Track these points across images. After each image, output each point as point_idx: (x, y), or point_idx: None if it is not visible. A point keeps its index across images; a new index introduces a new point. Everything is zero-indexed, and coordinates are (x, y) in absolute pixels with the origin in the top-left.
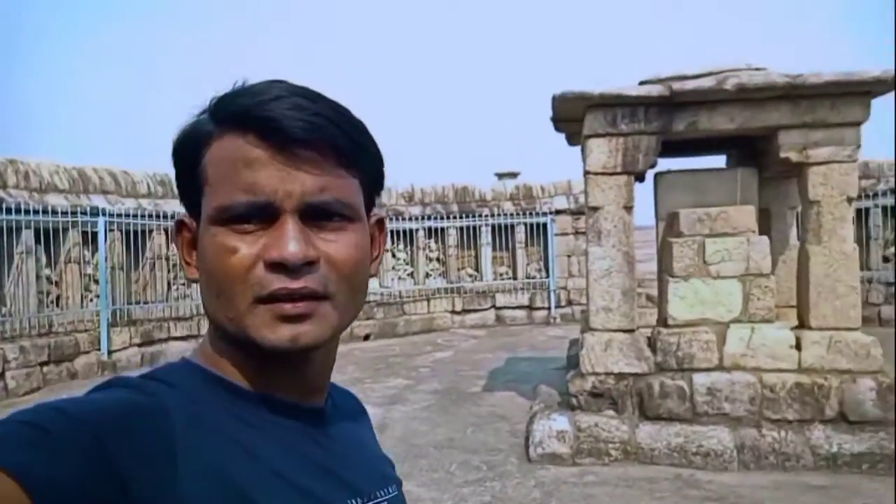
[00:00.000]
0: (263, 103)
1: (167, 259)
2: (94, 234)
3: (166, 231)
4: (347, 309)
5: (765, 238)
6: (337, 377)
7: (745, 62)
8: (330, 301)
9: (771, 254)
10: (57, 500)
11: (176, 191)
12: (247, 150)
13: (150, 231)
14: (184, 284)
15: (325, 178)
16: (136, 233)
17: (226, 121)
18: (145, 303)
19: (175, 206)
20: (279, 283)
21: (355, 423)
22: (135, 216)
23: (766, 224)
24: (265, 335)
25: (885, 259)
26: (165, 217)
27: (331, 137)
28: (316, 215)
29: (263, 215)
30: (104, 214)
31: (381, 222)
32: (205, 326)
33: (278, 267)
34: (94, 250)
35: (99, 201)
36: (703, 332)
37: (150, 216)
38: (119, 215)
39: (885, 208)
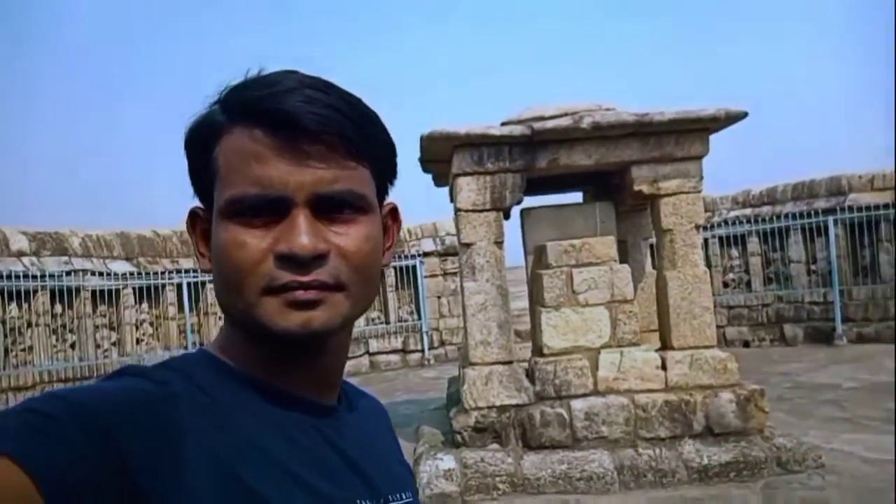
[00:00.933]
0: (274, 95)
1: (3, 323)
2: None
3: (1, 293)
4: (359, 299)
5: (626, 266)
6: None
7: (596, 103)
8: (342, 292)
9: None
10: (63, 487)
11: (13, 247)
12: (257, 142)
13: None
14: (23, 350)
15: (336, 169)
16: None
17: (236, 112)
18: None
19: (10, 265)
20: (289, 276)
21: (372, 424)
22: None
23: (623, 255)
24: (276, 321)
25: (725, 284)
26: (1, 278)
27: (341, 129)
28: (327, 208)
29: (274, 208)
30: None
31: (394, 211)
32: None
33: (289, 260)
34: None
35: None
36: (576, 359)
37: None
38: None
39: (720, 238)
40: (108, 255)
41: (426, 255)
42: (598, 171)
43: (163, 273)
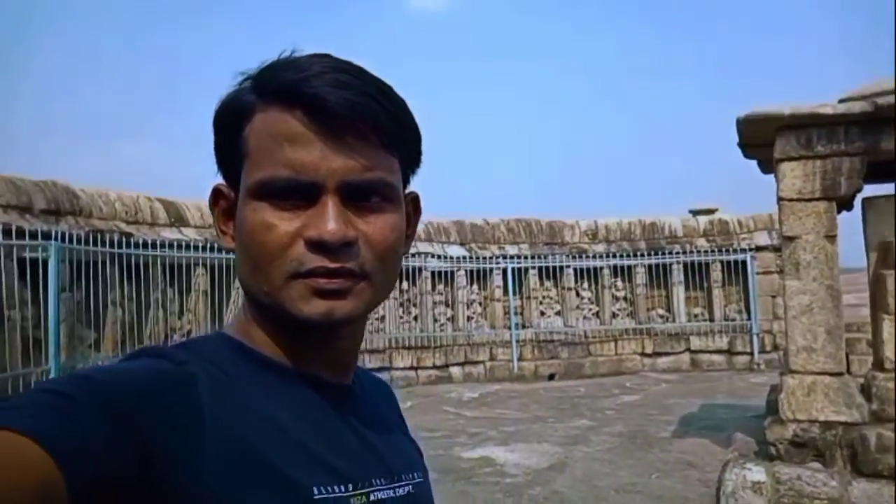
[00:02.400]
0: (308, 79)
1: None
2: None
3: None
4: (381, 288)
5: None
6: (518, 414)
7: None
8: (365, 280)
9: None
10: (83, 467)
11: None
12: (290, 126)
13: None
14: (378, 319)
15: (367, 157)
16: None
17: (269, 94)
18: None
19: None
20: (317, 261)
21: (383, 405)
22: None
23: None
24: (300, 308)
25: None
26: None
27: (374, 116)
28: (356, 195)
29: (304, 193)
30: None
31: (416, 200)
32: (397, 359)
33: (317, 246)
34: None
35: None
36: None
37: None
38: None
39: None
40: (446, 240)
41: (759, 249)
42: None
43: (491, 258)
